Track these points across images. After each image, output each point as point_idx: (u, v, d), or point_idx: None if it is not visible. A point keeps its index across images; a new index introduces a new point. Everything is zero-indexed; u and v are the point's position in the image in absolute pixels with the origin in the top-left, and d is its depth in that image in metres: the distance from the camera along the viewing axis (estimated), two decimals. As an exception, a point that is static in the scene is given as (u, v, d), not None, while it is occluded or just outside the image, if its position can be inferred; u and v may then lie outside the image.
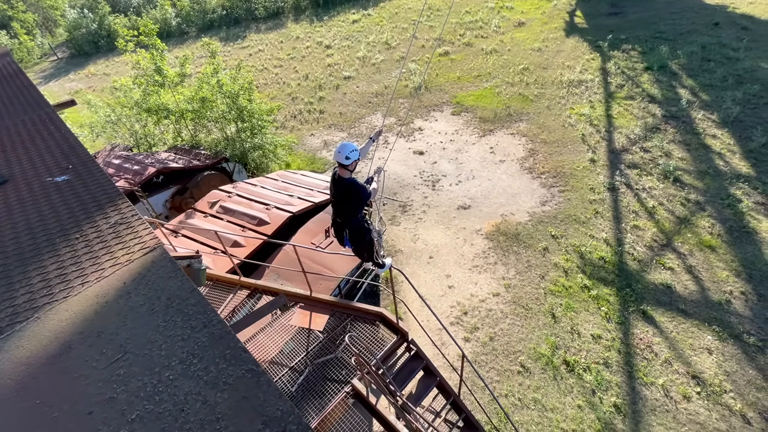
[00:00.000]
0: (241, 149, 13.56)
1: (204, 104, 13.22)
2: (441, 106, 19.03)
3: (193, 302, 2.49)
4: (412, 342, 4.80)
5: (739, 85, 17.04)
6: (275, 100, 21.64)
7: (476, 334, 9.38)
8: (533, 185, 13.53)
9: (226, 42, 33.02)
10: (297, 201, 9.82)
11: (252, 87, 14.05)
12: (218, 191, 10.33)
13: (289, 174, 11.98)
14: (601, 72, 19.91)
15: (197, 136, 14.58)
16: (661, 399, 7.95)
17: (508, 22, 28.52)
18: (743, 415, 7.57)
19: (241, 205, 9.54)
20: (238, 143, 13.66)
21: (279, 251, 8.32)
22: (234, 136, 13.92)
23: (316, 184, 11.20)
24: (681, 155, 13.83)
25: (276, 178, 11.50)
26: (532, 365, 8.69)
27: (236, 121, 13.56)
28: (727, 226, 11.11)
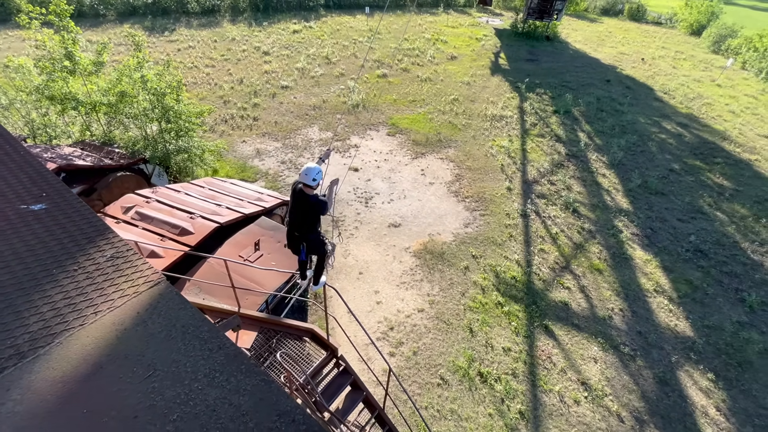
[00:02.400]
0: (164, 151, 12.57)
1: (123, 99, 12.07)
2: (377, 126, 19.69)
3: (206, 329, 2.78)
4: (341, 358, 4.90)
5: (623, 134, 20.41)
6: (205, 101, 20.47)
7: (401, 349, 9.74)
8: (458, 208, 14.59)
9: (152, 32, 30.50)
10: (225, 211, 9.39)
11: (180, 86, 13.21)
12: (134, 195, 9.45)
13: (216, 181, 11.40)
14: (518, 110, 22.37)
15: (111, 132, 13.20)
16: (557, 404, 9.00)
17: (443, 54, 30.75)
18: (618, 414, 8.90)
19: (162, 213, 8.84)
20: (160, 144, 12.66)
21: (202, 264, 7.86)
22: (156, 136, 12.87)
23: (247, 194, 10.83)
24: (579, 189, 16.05)
25: (202, 185, 10.88)
26: (450, 377, 9.26)
27: (160, 121, 12.59)
28: (611, 252, 13.11)
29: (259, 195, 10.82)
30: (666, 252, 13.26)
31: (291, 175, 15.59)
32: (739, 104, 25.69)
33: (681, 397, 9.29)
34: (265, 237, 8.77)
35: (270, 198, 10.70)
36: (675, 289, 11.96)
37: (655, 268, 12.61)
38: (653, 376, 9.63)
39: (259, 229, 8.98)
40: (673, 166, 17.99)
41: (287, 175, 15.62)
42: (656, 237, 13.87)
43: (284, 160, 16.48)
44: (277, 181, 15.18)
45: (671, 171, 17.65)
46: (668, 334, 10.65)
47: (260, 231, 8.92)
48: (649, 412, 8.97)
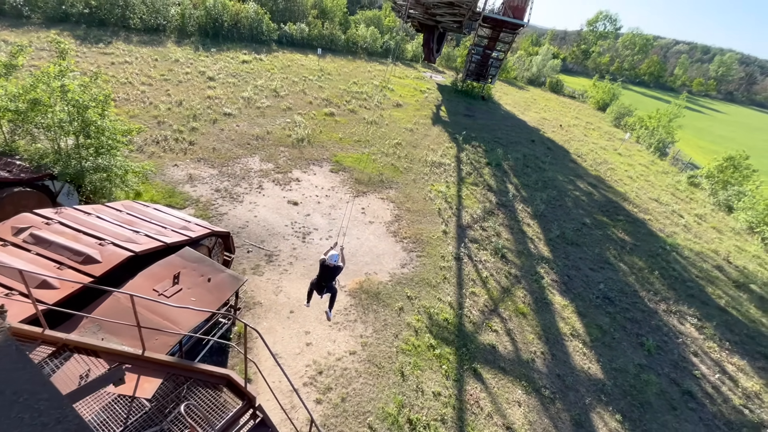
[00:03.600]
0: (78, 168, 11.27)
1: (35, 107, 10.77)
2: (321, 162, 19.75)
3: (45, 396, 2.14)
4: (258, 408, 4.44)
5: (545, 188, 22.65)
6: (136, 119, 19.11)
7: (329, 395, 9.19)
8: (396, 248, 14.79)
9: (84, 42, 28.39)
10: (143, 239, 8.49)
11: (108, 101, 12.21)
12: (32, 215, 8.20)
13: (137, 206, 10.37)
14: (456, 159, 23.94)
15: (15, 142, 11.60)
16: (483, 451, 8.97)
17: (389, 101, 32.40)
18: (540, 459, 9.09)
19: (63, 237, 7.73)
20: (74, 160, 11.35)
21: (107, 297, 6.90)
22: (71, 151, 11.55)
23: (171, 221, 9.96)
24: (507, 236, 17.23)
25: (120, 209, 9.81)
26: (379, 425, 8.86)
27: (78, 135, 11.38)
28: (534, 297, 14.01)
29: (186, 223, 10.01)
30: (580, 298, 14.49)
31: (224, 204, 14.80)
32: (635, 171, 30.12)
33: (594, 439, 9.80)
34: (186, 270, 8.02)
35: (198, 228, 9.94)
36: (588, 333, 12.98)
37: (572, 313, 13.66)
38: (570, 419, 10.10)
39: (181, 261, 8.22)
40: (585, 220, 20.19)
41: (221, 204, 14.79)
42: (572, 284, 15.16)
43: (219, 188, 15.66)
44: (209, 210, 14.28)
45: (584, 224, 19.78)
46: (582, 377, 11.38)
47: (182, 263, 8.16)
48: (566, 455, 9.28)
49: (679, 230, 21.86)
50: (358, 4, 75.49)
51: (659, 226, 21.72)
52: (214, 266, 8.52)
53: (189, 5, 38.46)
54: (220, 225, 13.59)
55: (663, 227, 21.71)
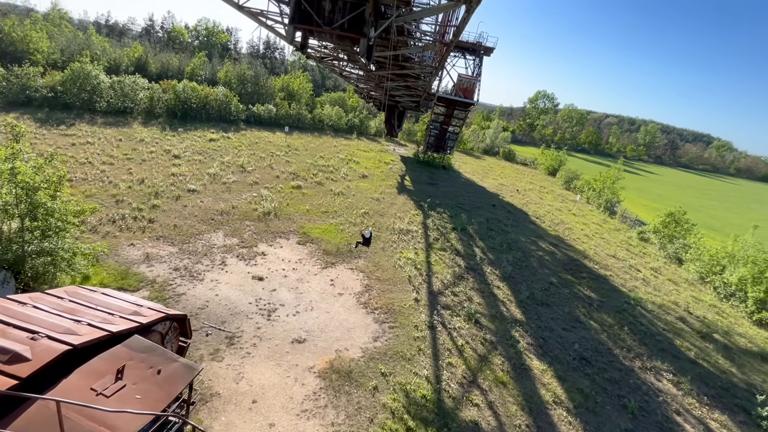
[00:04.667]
0: (18, 253, 10.41)
1: (-23, 190, 10.18)
2: (288, 234, 19.51)
3: None
4: None
5: (510, 250, 23.29)
6: (92, 199, 18.45)
7: (297, 502, 7.97)
8: (367, 320, 14.20)
9: (45, 124, 28.21)
10: (85, 329, 7.63)
11: (62, 182, 11.80)
12: (-47, 309, 7.27)
13: (83, 291, 9.50)
14: (422, 226, 24.48)
15: (-53, 228, 10.70)
16: None
17: (355, 172, 33.59)
18: None
19: (-11, 332, 6.82)
20: (16, 245, 10.53)
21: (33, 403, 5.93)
22: (12, 235, 10.77)
23: (120, 306, 9.12)
24: (479, 301, 17.12)
25: (61, 296, 8.92)
26: None
27: (23, 218, 10.71)
28: (512, 363, 13.57)
29: (137, 308, 9.19)
30: (558, 361, 14.19)
31: (183, 284, 13.93)
32: (590, 229, 31.95)
33: None
34: (133, 362, 7.17)
35: (150, 312, 9.14)
36: (570, 399, 12.49)
37: (551, 378, 13.24)
38: (566, 502, 9.22)
39: (127, 352, 7.37)
40: (551, 280, 20.63)
41: (179, 283, 13.92)
42: (548, 346, 14.93)
43: (178, 267, 14.85)
44: (165, 291, 13.35)
45: (551, 284, 20.16)
46: (572, 450, 10.67)
47: (128, 354, 7.31)
48: None
49: (639, 284, 22.74)
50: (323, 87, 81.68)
51: (620, 281, 22.52)
52: (166, 355, 7.70)
53: (158, 89, 39.92)
54: (177, 307, 12.63)
55: (624, 282, 22.52)
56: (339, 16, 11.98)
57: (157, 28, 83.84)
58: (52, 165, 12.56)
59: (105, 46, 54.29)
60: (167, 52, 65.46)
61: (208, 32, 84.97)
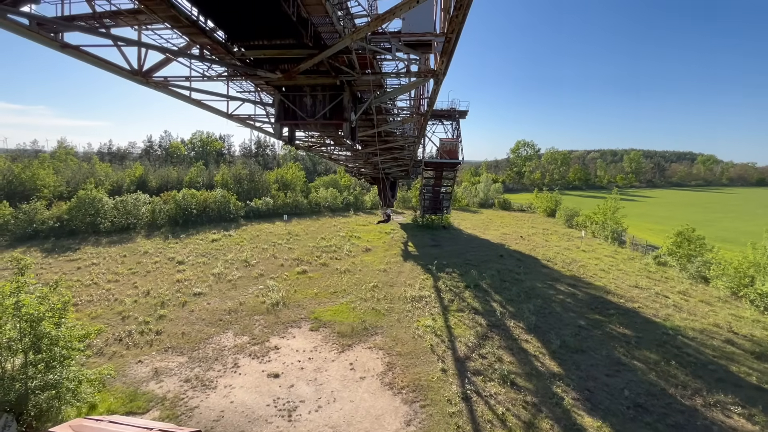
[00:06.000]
0: (21, 391, 9.87)
1: (-20, 332, 9.98)
2: (299, 322, 18.85)
3: None
4: None
5: (529, 299, 22.42)
6: (98, 320, 18.13)
7: None
8: (395, 402, 13.08)
9: (50, 253, 28.85)
10: (91, 467, 6.95)
11: (67, 307, 11.66)
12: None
13: (88, 423, 8.83)
14: (434, 289, 23.85)
15: (-53, 377, 10.27)
16: None
17: (357, 247, 33.67)
18: None
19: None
20: (19, 383, 10.03)
21: None
22: (15, 373, 10.30)
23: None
24: (510, 359, 15.98)
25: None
26: None
27: (27, 352, 10.36)
28: (562, 425, 12.20)
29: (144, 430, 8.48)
30: (611, 413, 12.80)
31: (196, 396, 13.04)
32: (604, 263, 31.16)
33: None
34: (144, 499, 6.40)
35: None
36: (638, 457, 11.01)
37: (610, 436, 11.81)
38: None
39: (138, 488, 6.62)
40: (580, 323, 19.53)
41: (191, 396, 13.03)
42: (595, 398, 13.59)
43: (188, 378, 14.04)
44: (177, 407, 12.44)
45: (580, 327, 19.04)
46: None
47: (139, 490, 6.56)
48: None
49: (672, 311, 21.51)
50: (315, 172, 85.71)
51: (652, 312, 21.33)
52: (181, 484, 6.90)
53: (159, 202, 41.68)
54: (191, 423, 11.67)
55: (656, 312, 21.33)
56: (320, 108, 12.97)
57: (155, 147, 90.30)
58: (57, 292, 12.53)
59: (108, 171, 57.86)
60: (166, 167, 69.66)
61: (203, 143, 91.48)
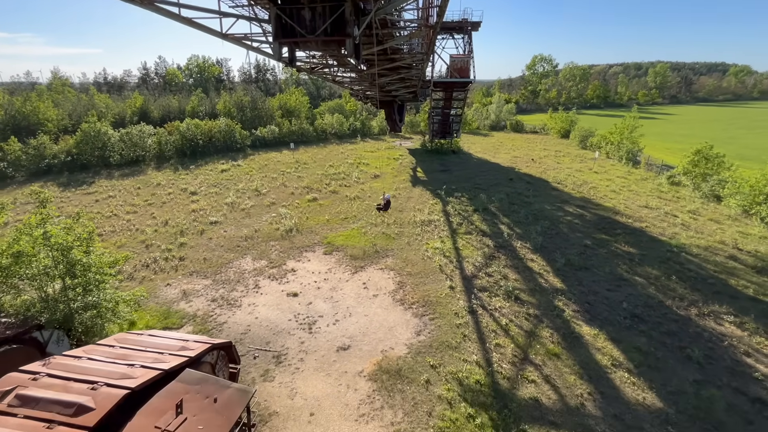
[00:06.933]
0: (66, 311, 10.90)
1: (18, 260, 10.70)
2: (313, 247, 19.67)
3: None
4: None
5: (537, 221, 22.73)
6: (124, 248, 19.16)
7: (372, 506, 7.97)
8: (406, 316, 14.13)
9: (67, 187, 29.54)
10: (139, 371, 7.89)
11: (92, 237, 12.28)
12: (17, 374, 7.64)
13: (131, 336, 9.85)
14: (443, 213, 24.21)
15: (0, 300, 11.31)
16: None
17: (366, 174, 33.60)
18: None
19: (52, 390, 7.13)
20: (62, 304, 11.02)
21: (104, 449, 6.17)
22: (58, 296, 11.26)
23: (168, 344, 9.39)
24: (515, 277, 16.76)
25: (112, 344, 9.27)
26: None
27: (64, 278, 11.20)
28: (561, 333, 13.19)
29: (183, 343, 9.45)
30: (608, 323, 13.71)
31: (223, 313, 14.24)
32: (616, 184, 30.82)
33: (680, 484, 8.51)
34: (189, 395, 7.35)
35: (196, 344, 9.37)
36: (629, 359, 12.04)
37: (605, 342, 12.80)
38: (645, 465, 8.87)
39: (182, 387, 7.57)
40: (586, 242, 19.99)
41: (219, 313, 14.24)
42: (595, 310, 14.46)
43: (215, 298, 15.21)
44: (207, 323, 13.69)
45: (586, 247, 19.54)
46: (641, 410, 10.27)
47: (183, 388, 7.51)
48: None
49: (679, 230, 21.74)
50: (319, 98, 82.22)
51: (658, 231, 21.59)
52: (219, 383, 7.87)
53: (164, 133, 41.16)
54: (221, 335, 12.93)
55: (662, 231, 21.59)
56: (320, 23, 11.95)
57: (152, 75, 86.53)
58: (80, 223, 13.08)
59: (108, 103, 56.48)
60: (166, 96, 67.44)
61: (200, 68, 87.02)
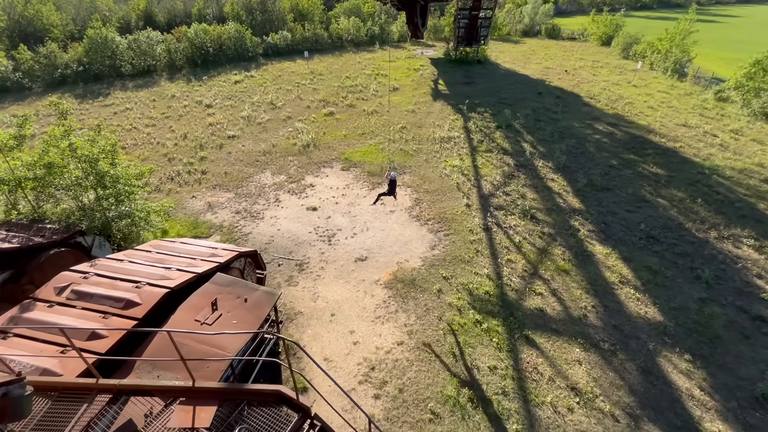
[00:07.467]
0: (103, 219, 11.68)
1: (51, 171, 11.20)
2: (330, 162, 19.68)
3: None
4: (315, 417, 4.43)
5: (562, 139, 21.71)
6: (147, 161, 19.64)
7: (386, 389, 9.20)
8: (422, 231, 14.58)
9: (84, 99, 29.38)
10: (175, 273, 8.69)
11: (116, 149, 12.55)
12: (69, 273, 8.55)
13: (165, 243, 10.64)
14: (464, 130, 23.30)
15: (41, 208, 12.14)
16: (551, 416, 8.75)
17: (384, 87, 31.83)
18: (612, 414, 8.78)
19: (102, 287, 8.01)
20: (98, 213, 11.77)
21: (154, 336, 7.11)
22: (93, 205, 11.98)
23: (199, 251, 10.15)
24: (533, 196, 16.64)
25: (149, 250, 10.09)
26: (441, 410, 8.80)
27: (96, 188, 11.77)
28: (573, 251, 13.49)
29: (213, 250, 10.18)
30: (622, 243, 13.84)
31: (247, 224, 15.00)
32: (655, 100, 28.38)
33: (666, 384, 9.37)
34: (222, 294, 8.15)
35: (224, 252, 10.10)
36: (637, 277, 12.39)
37: (616, 260, 13.07)
38: (636, 368, 9.70)
39: (216, 287, 8.36)
40: (611, 163, 19.23)
41: (243, 224, 15.01)
42: (611, 230, 14.50)
43: (239, 210, 15.89)
44: (233, 233, 14.53)
45: (611, 167, 18.84)
46: (641, 323, 10.89)
47: (216, 289, 8.30)
48: (639, 405, 8.93)
49: (716, 151, 20.48)
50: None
51: (693, 152, 20.41)
52: (248, 286, 8.63)
53: (172, 39, 39.04)
54: (247, 245, 13.80)
55: (697, 151, 20.39)
56: None
57: (152, -28, 78.92)
58: (103, 135, 13.27)
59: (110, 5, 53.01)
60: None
61: (203, -37, 78.40)
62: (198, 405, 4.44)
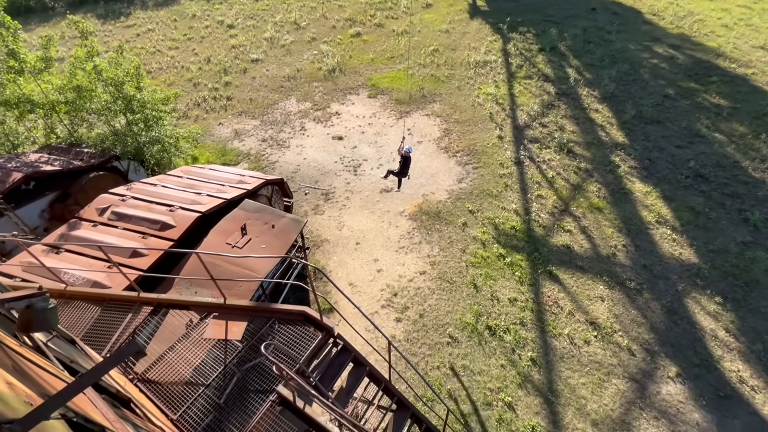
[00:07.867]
0: (135, 144, 11.94)
1: (80, 94, 11.27)
2: (357, 89, 18.77)
3: None
4: (338, 337, 4.71)
5: (613, 64, 19.46)
6: (173, 86, 19.42)
7: (407, 313, 9.66)
8: (450, 164, 14.11)
9: (106, 20, 28.58)
10: (206, 199, 8.96)
11: (140, 72, 12.33)
12: (108, 195, 8.99)
13: (195, 169, 10.87)
14: (502, 53, 21.24)
15: (76, 132, 12.49)
16: (567, 347, 9.02)
17: (416, 3, 28.85)
18: (629, 348, 8.94)
19: (139, 209, 8.42)
20: (130, 138, 11.99)
21: (190, 256, 7.56)
22: (125, 130, 12.19)
23: (227, 178, 10.34)
24: (572, 128, 15.47)
25: (180, 175, 10.37)
26: (459, 335, 9.24)
27: (125, 113, 11.86)
28: (610, 189, 12.78)
29: (241, 177, 10.34)
30: (666, 181, 12.93)
31: (274, 153, 14.99)
32: (732, 17, 24.36)
33: (689, 324, 9.30)
34: (251, 220, 8.41)
35: (252, 179, 10.23)
36: (677, 217, 11.74)
37: (656, 199, 12.34)
38: (661, 307, 9.61)
39: (244, 213, 8.61)
40: (667, 92, 17.26)
41: (270, 153, 15.01)
42: (654, 167, 13.49)
43: (265, 138, 15.80)
44: (261, 161, 14.62)
45: (666, 97, 16.95)
46: (673, 264, 10.54)
47: (245, 215, 8.55)
48: (659, 342, 9.00)
49: (795, 78, 17.83)
50: None
51: (767, 80, 17.88)
52: (275, 213, 8.83)
53: (189, -50, 36.15)
54: (274, 173, 13.93)
55: (772, 79, 17.85)
56: None
57: None
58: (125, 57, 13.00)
59: None
60: None
61: None
62: (230, 320, 4.78)
